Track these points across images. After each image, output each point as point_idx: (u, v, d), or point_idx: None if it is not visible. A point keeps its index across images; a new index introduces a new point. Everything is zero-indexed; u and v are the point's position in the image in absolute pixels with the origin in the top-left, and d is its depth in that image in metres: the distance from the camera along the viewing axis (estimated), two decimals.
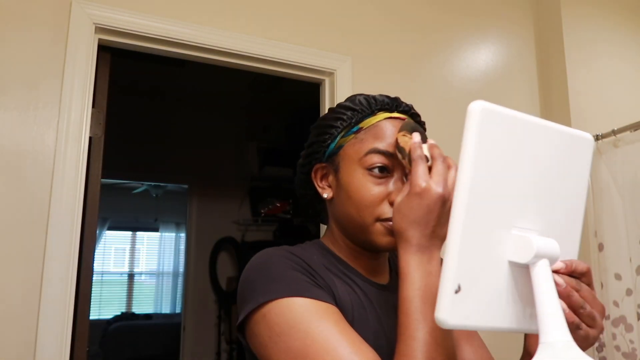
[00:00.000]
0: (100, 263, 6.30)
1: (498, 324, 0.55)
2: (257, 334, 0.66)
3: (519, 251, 0.54)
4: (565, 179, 0.60)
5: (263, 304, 0.66)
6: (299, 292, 0.65)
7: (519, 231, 0.55)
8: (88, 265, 1.49)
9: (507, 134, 0.54)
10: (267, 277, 0.68)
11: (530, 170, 0.56)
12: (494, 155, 0.53)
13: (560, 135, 0.58)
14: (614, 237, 1.89)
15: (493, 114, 0.54)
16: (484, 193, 0.53)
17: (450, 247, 0.52)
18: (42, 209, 1.38)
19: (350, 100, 0.79)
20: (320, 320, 0.63)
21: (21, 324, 1.32)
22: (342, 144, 0.77)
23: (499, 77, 2.24)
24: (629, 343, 1.80)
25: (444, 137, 2.08)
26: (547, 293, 0.52)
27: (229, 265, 4.20)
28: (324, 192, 0.79)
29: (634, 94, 2.34)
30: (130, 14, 1.57)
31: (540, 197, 0.57)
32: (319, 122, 0.81)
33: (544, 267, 0.53)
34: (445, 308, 0.51)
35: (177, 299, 6.27)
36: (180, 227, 6.23)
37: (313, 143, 0.81)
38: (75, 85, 1.46)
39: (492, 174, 0.53)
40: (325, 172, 0.80)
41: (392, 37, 2.02)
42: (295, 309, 0.64)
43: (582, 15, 2.30)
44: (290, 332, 0.63)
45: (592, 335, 0.59)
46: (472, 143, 0.52)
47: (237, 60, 1.75)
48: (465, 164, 0.52)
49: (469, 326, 0.53)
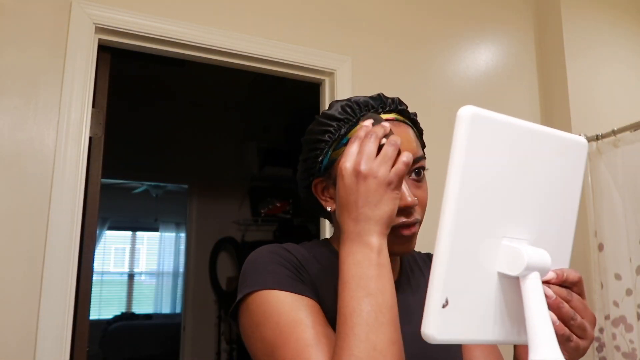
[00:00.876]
0: (100, 263, 6.30)
1: (486, 337, 0.54)
2: (242, 324, 0.70)
3: (509, 263, 0.52)
4: (558, 184, 0.58)
5: (247, 294, 0.68)
6: (279, 285, 0.67)
7: (509, 241, 0.53)
8: (88, 265, 1.49)
9: (498, 140, 0.52)
10: (254, 271, 0.70)
11: (522, 177, 0.55)
12: (484, 162, 0.52)
13: (553, 140, 0.57)
14: (614, 237, 1.89)
15: (483, 119, 0.52)
16: (473, 202, 0.51)
17: (437, 259, 0.50)
18: (42, 209, 1.38)
19: (333, 108, 0.76)
20: (292, 311, 0.64)
21: (21, 324, 1.32)
22: (334, 157, 0.74)
23: (499, 77, 2.24)
24: (629, 343, 1.80)
25: (444, 137, 2.08)
26: (537, 308, 0.50)
27: (229, 265, 4.20)
28: (327, 204, 0.77)
29: (634, 94, 2.34)
30: (130, 14, 1.57)
31: (532, 204, 0.56)
32: (307, 137, 0.79)
33: (534, 280, 0.52)
34: (432, 323, 0.49)
35: (177, 299, 6.27)
36: (180, 227, 6.23)
37: (307, 159, 0.79)
38: (75, 85, 1.46)
39: (481, 181, 0.52)
40: (325, 185, 0.78)
41: (392, 37, 2.02)
42: (272, 300, 0.66)
43: (582, 16, 2.30)
44: (266, 322, 0.64)
45: (583, 346, 0.58)
46: (461, 150, 0.50)
47: (237, 60, 1.75)
48: (454, 171, 0.50)
49: (457, 340, 0.51)
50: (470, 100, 2.13)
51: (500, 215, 0.53)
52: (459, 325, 0.51)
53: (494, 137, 0.52)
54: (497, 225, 0.53)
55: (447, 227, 0.50)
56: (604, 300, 1.90)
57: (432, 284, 0.50)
